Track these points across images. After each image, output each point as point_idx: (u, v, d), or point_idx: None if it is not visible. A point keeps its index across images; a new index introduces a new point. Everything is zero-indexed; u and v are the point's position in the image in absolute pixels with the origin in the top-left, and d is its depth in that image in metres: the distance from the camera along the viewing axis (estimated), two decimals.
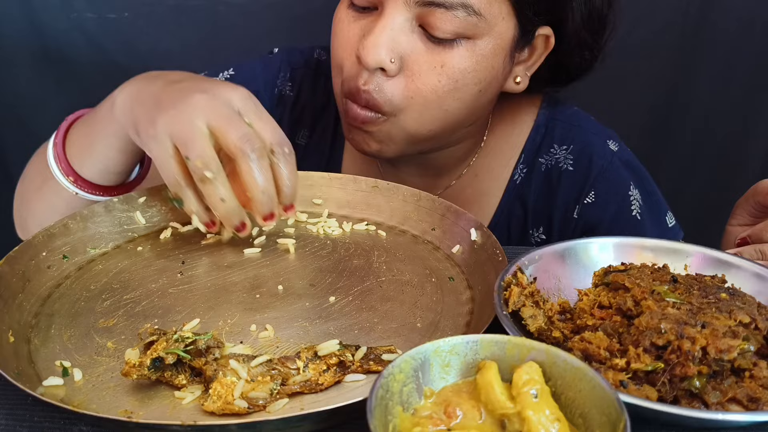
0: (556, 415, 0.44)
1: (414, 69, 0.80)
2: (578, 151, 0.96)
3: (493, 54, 0.82)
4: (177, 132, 0.66)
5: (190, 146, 0.65)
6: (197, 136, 0.65)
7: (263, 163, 0.67)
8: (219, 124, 0.66)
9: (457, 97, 0.83)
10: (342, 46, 0.84)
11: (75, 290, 0.68)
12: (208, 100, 0.67)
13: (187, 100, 0.67)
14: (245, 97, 0.69)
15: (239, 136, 0.65)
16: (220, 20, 1.49)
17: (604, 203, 0.94)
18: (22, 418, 0.52)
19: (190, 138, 0.65)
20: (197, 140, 0.65)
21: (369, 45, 0.78)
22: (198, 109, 0.66)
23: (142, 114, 0.70)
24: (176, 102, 0.67)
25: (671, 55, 1.56)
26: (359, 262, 0.74)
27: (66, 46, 1.48)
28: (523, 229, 1.00)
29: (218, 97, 0.67)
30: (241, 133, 0.65)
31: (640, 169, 0.98)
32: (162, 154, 0.67)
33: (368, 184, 0.85)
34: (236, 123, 0.66)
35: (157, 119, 0.67)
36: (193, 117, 0.66)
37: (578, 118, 1.00)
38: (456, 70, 0.80)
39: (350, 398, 0.49)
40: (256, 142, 0.66)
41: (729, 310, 0.55)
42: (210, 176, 0.65)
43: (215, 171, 0.66)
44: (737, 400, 0.50)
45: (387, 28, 0.78)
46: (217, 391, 0.51)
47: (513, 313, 0.59)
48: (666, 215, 0.97)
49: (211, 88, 0.69)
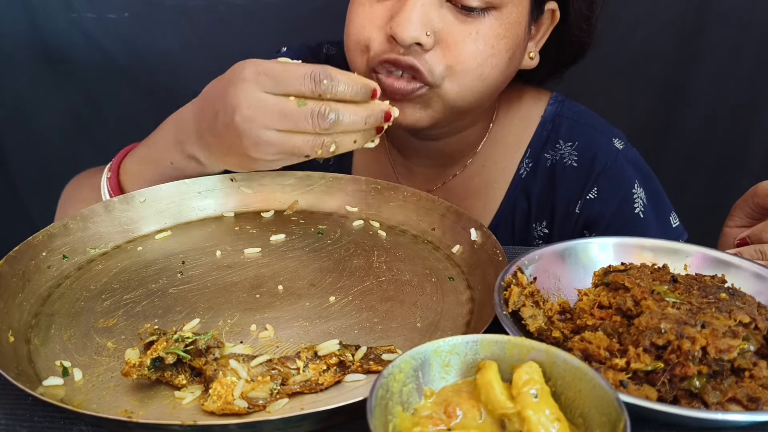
0: (556, 415, 0.44)
1: (449, 41, 0.81)
2: (583, 148, 0.97)
3: (517, 22, 0.84)
4: (267, 82, 0.71)
5: (281, 80, 0.70)
6: (283, 68, 0.71)
7: (329, 118, 0.69)
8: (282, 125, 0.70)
9: (494, 64, 0.84)
10: (366, 27, 0.84)
11: (75, 290, 0.68)
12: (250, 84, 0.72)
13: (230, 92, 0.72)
14: (258, 72, 0.71)
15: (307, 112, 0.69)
16: (220, 20, 1.49)
17: (606, 199, 0.95)
18: (22, 418, 0.52)
19: (279, 76, 0.70)
20: (285, 71, 0.70)
21: (403, 21, 0.79)
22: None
23: (206, 110, 0.76)
24: (226, 88, 0.73)
25: (671, 55, 1.56)
26: (359, 262, 0.74)
27: (66, 46, 1.48)
28: (526, 223, 1.01)
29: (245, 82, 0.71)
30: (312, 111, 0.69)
31: (646, 168, 0.99)
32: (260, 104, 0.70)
33: (368, 184, 0.85)
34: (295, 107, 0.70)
35: (223, 100, 0.73)
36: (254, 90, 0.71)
37: (585, 115, 1.01)
38: (491, 36, 0.82)
39: (350, 398, 0.49)
40: (317, 109, 0.69)
41: (729, 310, 0.55)
42: (332, 119, 0.70)
43: (335, 107, 0.70)
44: (737, 400, 0.50)
45: (418, 3, 0.79)
46: (217, 391, 0.51)
47: (513, 313, 0.59)
48: (670, 215, 0.98)
49: (233, 79, 0.73)
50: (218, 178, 0.84)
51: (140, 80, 1.52)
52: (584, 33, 0.95)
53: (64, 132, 1.57)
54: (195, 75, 1.62)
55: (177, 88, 1.53)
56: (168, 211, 0.81)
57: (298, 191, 0.86)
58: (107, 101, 1.54)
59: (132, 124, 1.58)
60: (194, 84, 1.04)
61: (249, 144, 0.72)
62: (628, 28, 1.50)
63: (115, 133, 1.58)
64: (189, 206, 0.83)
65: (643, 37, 1.52)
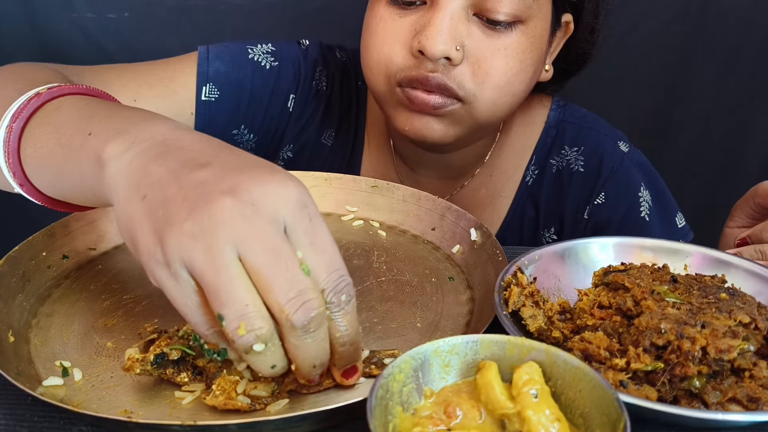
0: (556, 415, 0.44)
1: (478, 55, 0.81)
2: (589, 153, 0.97)
3: (541, 36, 0.84)
4: (198, 266, 0.43)
5: (222, 298, 0.43)
6: (230, 279, 0.43)
7: (321, 333, 0.46)
8: (258, 262, 0.44)
9: (522, 79, 0.84)
10: (388, 42, 0.83)
11: (75, 290, 0.68)
12: (242, 213, 0.44)
13: (208, 210, 0.44)
14: (299, 205, 0.46)
15: (291, 295, 0.44)
16: (220, 20, 1.49)
17: (614, 204, 0.95)
18: (22, 418, 0.52)
19: (218, 282, 0.43)
20: (232, 288, 0.43)
21: (432, 35, 0.78)
22: (226, 228, 0.43)
23: (141, 218, 0.46)
24: (193, 210, 0.44)
25: (671, 55, 1.56)
26: (359, 262, 0.74)
27: (66, 46, 1.48)
28: (535, 230, 1.00)
29: (258, 208, 0.44)
30: (293, 290, 0.44)
31: (651, 170, 0.99)
32: (179, 293, 0.45)
33: (368, 184, 0.85)
34: (285, 264, 0.44)
35: (165, 237, 0.44)
36: (221, 244, 0.43)
37: (588, 119, 1.01)
38: (519, 50, 0.81)
39: (350, 398, 0.49)
40: (314, 303, 0.45)
41: (729, 310, 0.55)
42: (260, 349, 0.45)
43: (267, 337, 0.45)
44: (737, 400, 0.50)
45: (446, 17, 0.78)
46: (221, 386, 0.51)
47: (513, 313, 0.59)
48: (676, 216, 0.98)
49: (247, 186, 0.45)
50: None
51: None
52: (589, 44, 0.95)
53: None
54: None
55: None
56: None
57: None
58: None
59: None
60: None
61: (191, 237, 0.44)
62: (628, 28, 1.50)
63: None
64: None
65: (643, 37, 1.52)
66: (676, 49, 1.55)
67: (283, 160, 1.04)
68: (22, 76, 0.71)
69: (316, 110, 1.03)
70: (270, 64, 0.98)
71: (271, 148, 1.04)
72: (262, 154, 1.02)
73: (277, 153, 1.04)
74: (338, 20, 0.91)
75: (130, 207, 0.47)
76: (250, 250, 0.44)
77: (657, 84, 1.60)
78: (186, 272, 0.44)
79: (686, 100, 1.61)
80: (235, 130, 0.98)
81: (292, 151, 1.04)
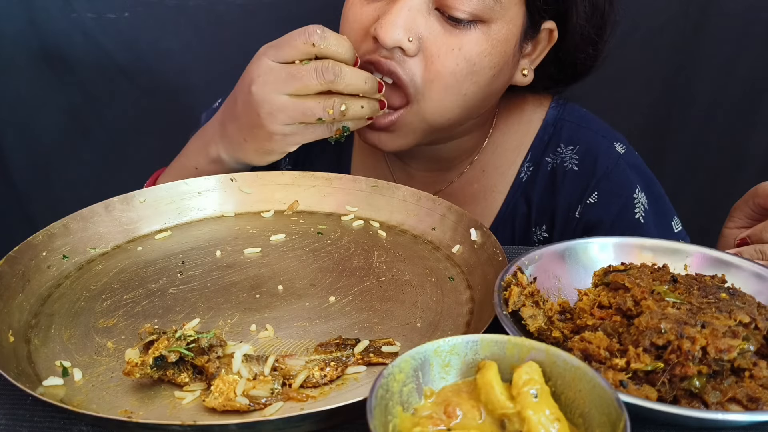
0: (556, 415, 0.44)
1: (432, 51, 0.81)
2: (584, 152, 0.97)
3: (505, 39, 0.83)
4: (273, 51, 0.80)
5: (283, 45, 0.79)
6: (284, 37, 0.81)
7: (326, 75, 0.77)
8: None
9: (474, 81, 0.83)
10: (354, 29, 0.85)
11: (75, 290, 0.68)
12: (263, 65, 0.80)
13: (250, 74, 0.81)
14: (267, 46, 0.80)
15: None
16: (220, 20, 1.49)
17: (606, 204, 0.95)
18: (22, 418, 0.52)
19: (282, 42, 0.79)
20: (285, 39, 0.79)
21: (387, 23, 0.79)
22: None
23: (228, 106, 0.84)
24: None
25: (671, 54, 1.56)
26: (359, 262, 0.74)
27: (66, 46, 1.48)
28: (526, 227, 1.00)
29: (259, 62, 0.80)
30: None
31: (648, 172, 0.99)
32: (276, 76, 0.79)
33: (368, 184, 0.85)
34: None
35: (248, 83, 0.80)
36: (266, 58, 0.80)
37: (587, 119, 1.00)
38: (473, 53, 0.81)
39: (350, 398, 0.49)
40: (319, 64, 0.77)
41: (729, 310, 0.55)
42: (336, 72, 0.78)
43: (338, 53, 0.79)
44: (737, 400, 0.50)
45: (405, 8, 0.79)
46: (219, 388, 0.51)
47: (513, 313, 0.59)
48: (672, 220, 0.98)
49: (251, 62, 0.81)
50: (218, 178, 0.84)
51: (140, 80, 1.52)
52: (590, 57, 0.94)
53: (64, 131, 1.57)
54: (195, 75, 1.63)
55: (177, 88, 1.53)
56: (168, 211, 0.81)
57: (298, 191, 0.86)
58: (107, 101, 1.54)
59: (132, 124, 1.59)
60: (194, 84, 1.04)
61: (264, 114, 0.79)
62: (628, 27, 1.50)
63: (114, 133, 1.59)
64: (189, 206, 0.83)
65: (643, 37, 1.52)
66: (676, 48, 1.55)
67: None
68: None
69: None
70: None
71: None
72: None
73: None
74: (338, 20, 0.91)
75: (241, 92, 0.82)
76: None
77: (657, 84, 1.60)
78: (269, 60, 0.81)
79: (686, 100, 1.61)
80: None
81: None
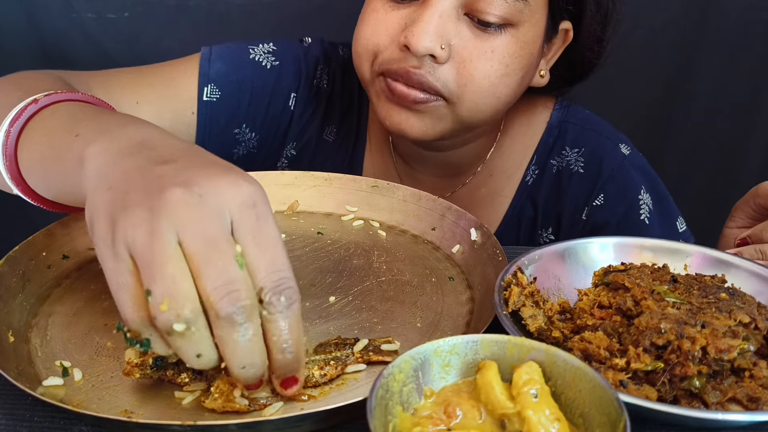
0: (556, 415, 0.44)
1: (464, 55, 0.81)
2: (589, 154, 0.97)
3: (532, 41, 0.84)
4: (139, 246, 0.45)
5: (153, 273, 0.44)
6: (164, 257, 0.44)
7: (249, 330, 0.46)
8: (193, 249, 0.45)
9: (507, 83, 0.84)
10: (378, 35, 0.83)
11: (75, 290, 0.68)
12: (188, 203, 0.45)
13: (159, 197, 0.45)
14: (247, 204, 0.47)
15: (219, 283, 0.44)
16: (220, 20, 1.49)
17: (613, 206, 0.95)
18: (22, 418, 0.52)
19: (153, 259, 0.44)
20: (164, 265, 0.44)
21: (419, 31, 0.78)
22: (171, 214, 0.45)
23: (103, 206, 0.47)
24: (147, 197, 0.46)
25: (672, 54, 1.56)
26: (359, 262, 0.74)
27: (66, 46, 1.47)
28: (532, 230, 1.00)
29: (205, 200, 0.46)
30: (221, 278, 0.44)
31: (653, 173, 0.99)
32: (115, 270, 0.46)
33: (368, 184, 0.85)
34: (219, 254, 0.45)
35: (117, 220, 0.46)
36: (163, 227, 0.44)
37: (591, 120, 1.01)
38: (505, 55, 0.81)
39: (350, 398, 0.49)
40: (241, 294, 0.45)
41: (729, 310, 0.55)
42: (180, 330, 0.45)
43: (190, 319, 0.45)
44: (737, 400, 0.50)
45: (435, 15, 0.78)
46: (219, 389, 0.51)
47: (513, 313, 0.59)
48: (677, 220, 0.98)
49: (201, 180, 0.46)
50: None
51: None
52: (595, 54, 0.94)
53: None
54: None
55: None
56: None
57: (298, 191, 0.86)
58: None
59: None
60: None
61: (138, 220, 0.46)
62: (628, 27, 1.50)
63: None
64: None
65: (643, 36, 1.52)
66: (677, 48, 1.55)
67: (287, 158, 1.05)
68: (24, 83, 0.73)
69: (318, 108, 1.04)
70: (271, 64, 0.99)
71: (274, 147, 1.04)
72: (264, 152, 1.03)
73: (281, 151, 1.04)
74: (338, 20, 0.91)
75: (96, 197, 0.49)
76: (189, 236, 0.45)
77: (657, 84, 1.60)
78: (126, 252, 0.45)
79: (686, 100, 1.61)
80: (237, 129, 0.99)
81: (296, 149, 1.04)
